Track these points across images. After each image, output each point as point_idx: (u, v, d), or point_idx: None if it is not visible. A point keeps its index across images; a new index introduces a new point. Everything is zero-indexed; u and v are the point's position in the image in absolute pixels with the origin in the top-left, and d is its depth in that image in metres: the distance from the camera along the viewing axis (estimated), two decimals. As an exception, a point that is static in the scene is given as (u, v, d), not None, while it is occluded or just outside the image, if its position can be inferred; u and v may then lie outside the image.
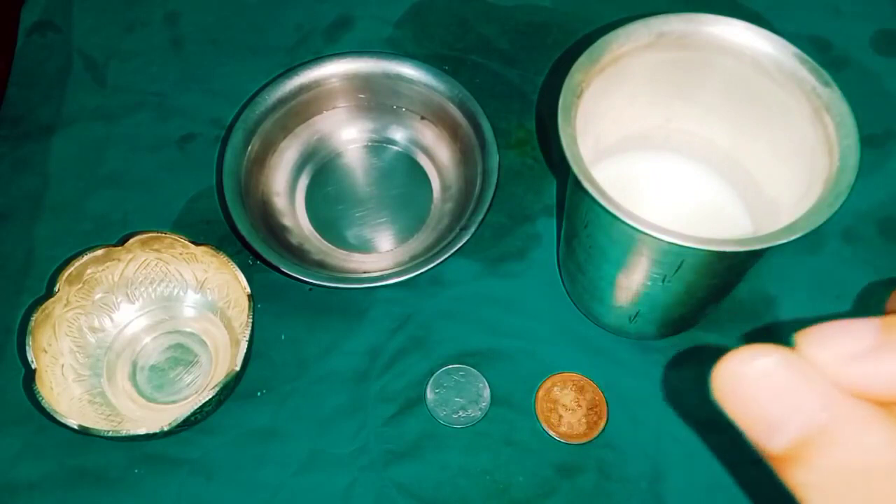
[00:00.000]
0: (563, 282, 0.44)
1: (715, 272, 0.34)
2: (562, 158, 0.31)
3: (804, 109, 0.34)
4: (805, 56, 0.34)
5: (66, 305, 0.42)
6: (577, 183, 0.31)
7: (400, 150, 0.50)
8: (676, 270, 0.33)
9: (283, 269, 0.42)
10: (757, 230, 0.38)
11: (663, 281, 0.34)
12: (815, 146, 0.33)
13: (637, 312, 0.39)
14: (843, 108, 0.32)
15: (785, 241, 0.29)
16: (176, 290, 0.45)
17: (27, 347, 0.39)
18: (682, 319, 0.41)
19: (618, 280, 0.36)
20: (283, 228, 0.47)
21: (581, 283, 0.41)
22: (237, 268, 0.42)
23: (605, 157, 0.40)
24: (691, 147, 0.40)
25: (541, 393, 0.42)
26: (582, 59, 0.34)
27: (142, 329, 0.44)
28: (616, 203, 0.30)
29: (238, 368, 0.39)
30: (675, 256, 0.32)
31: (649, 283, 0.35)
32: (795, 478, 0.18)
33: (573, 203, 0.37)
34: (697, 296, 0.36)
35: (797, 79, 0.34)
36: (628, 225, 0.30)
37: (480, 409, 0.42)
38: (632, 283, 0.36)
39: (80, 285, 0.42)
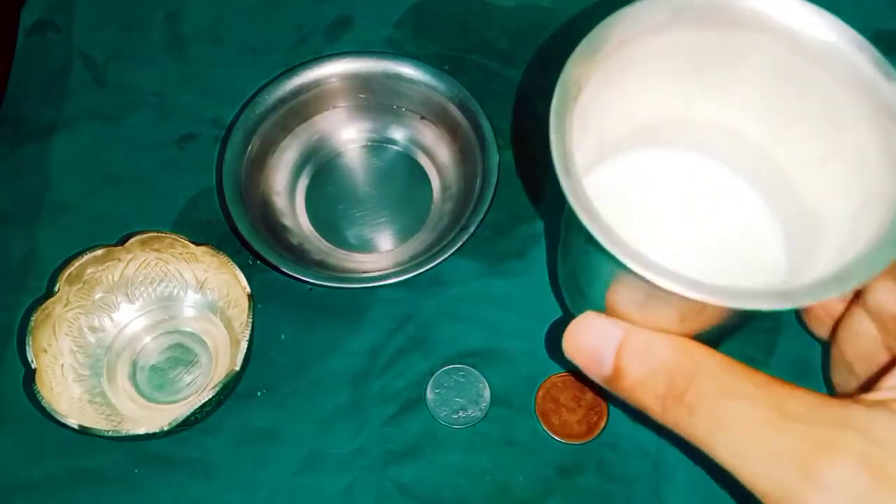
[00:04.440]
0: (560, 297, 0.41)
1: (741, 314, 0.28)
2: (553, 181, 0.26)
3: (860, 106, 0.27)
4: (866, 42, 0.27)
5: (66, 305, 0.42)
6: (574, 217, 0.25)
7: (400, 150, 0.50)
8: (696, 314, 0.28)
9: (283, 269, 0.42)
10: (790, 247, 0.32)
11: (681, 321, 0.29)
12: (870, 152, 0.27)
13: None
14: None
15: (837, 293, 0.23)
16: (176, 290, 0.45)
17: (27, 347, 0.39)
18: None
19: (624, 315, 0.31)
20: (283, 228, 0.47)
21: (581, 306, 0.34)
22: (237, 268, 0.42)
23: (610, 155, 0.34)
24: (711, 143, 0.34)
25: (541, 393, 0.42)
26: (579, 49, 0.27)
27: (142, 329, 0.44)
28: (628, 249, 0.24)
29: (238, 368, 0.39)
30: (696, 304, 0.25)
31: (663, 322, 0.29)
32: (621, 385, 0.29)
33: (570, 226, 0.32)
34: (717, 334, 0.31)
35: (853, 68, 0.27)
36: (641, 277, 0.24)
37: (480, 409, 0.42)
38: (641, 319, 0.30)
39: (80, 285, 0.42)
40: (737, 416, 0.25)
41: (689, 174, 0.34)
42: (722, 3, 0.28)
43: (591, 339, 0.29)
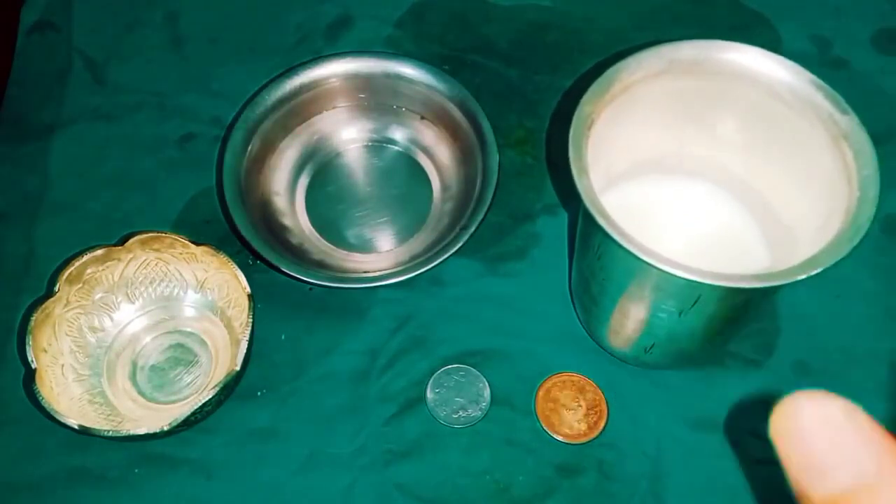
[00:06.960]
0: (575, 311, 0.44)
1: (733, 305, 0.33)
2: (572, 190, 0.30)
3: (821, 137, 0.33)
4: (821, 83, 0.33)
5: (66, 305, 0.42)
6: (590, 217, 0.30)
7: (400, 150, 0.50)
8: (693, 304, 0.32)
9: (283, 269, 0.42)
10: (774, 257, 0.37)
11: (679, 315, 0.33)
12: (832, 174, 0.32)
13: (653, 344, 0.38)
14: (861, 136, 0.31)
15: (804, 276, 0.28)
16: (176, 290, 0.45)
17: (27, 347, 0.39)
18: (700, 352, 0.40)
19: (632, 312, 0.36)
20: (283, 228, 0.47)
21: (595, 315, 0.40)
22: (237, 267, 0.42)
23: (617, 182, 0.39)
24: (705, 172, 0.39)
25: (541, 393, 0.42)
26: (592, 88, 0.33)
27: (142, 329, 0.44)
28: (631, 238, 0.29)
29: (238, 368, 0.39)
30: (691, 290, 0.31)
31: (664, 317, 0.34)
32: None
33: (585, 234, 0.36)
34: (714, 328, 0.36)
35: (814, 105, 0.33)
36: (644, 262, 0.29)
37: (480, 409, 0.42)
38: (647, 315, 0.35)
39: (80, 285, 0.42)
40: None
41: (686, 196, 0.40)
42: (706, 54, 0.34)
43: (822, 443, 0.19)
